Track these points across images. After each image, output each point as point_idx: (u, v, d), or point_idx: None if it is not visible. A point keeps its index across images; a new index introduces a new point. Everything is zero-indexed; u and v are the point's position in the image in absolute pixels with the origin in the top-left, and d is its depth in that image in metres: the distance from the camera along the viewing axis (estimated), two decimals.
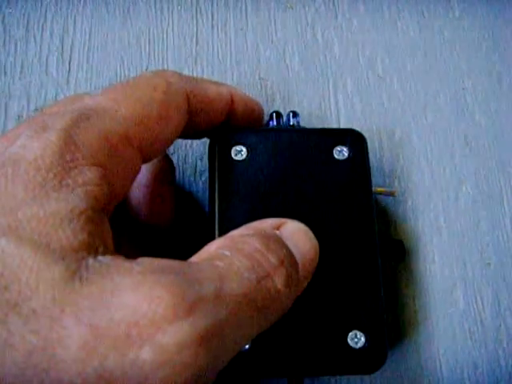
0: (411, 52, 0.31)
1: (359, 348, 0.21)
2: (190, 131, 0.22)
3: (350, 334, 0.21)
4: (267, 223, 0.19)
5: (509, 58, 0.31)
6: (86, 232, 0.15)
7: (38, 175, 0.15)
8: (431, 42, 0.31)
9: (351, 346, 0.21)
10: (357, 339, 0.21)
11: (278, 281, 0.17)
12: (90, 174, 0.16)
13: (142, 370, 0.13)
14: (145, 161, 0.19)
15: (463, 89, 0.31)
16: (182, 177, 0.28)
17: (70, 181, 0.15)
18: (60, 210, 0.14)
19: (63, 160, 0.15)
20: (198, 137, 0.24)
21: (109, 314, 0.13)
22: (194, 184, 0.27)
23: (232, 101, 0.23)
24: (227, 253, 0.17)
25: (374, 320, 0.21)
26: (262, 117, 0.25)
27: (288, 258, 0.18)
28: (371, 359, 0.21)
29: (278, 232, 0.19)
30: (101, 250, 0.15)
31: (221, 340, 0.14)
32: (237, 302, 0.15)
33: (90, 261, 0.14)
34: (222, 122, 0.23)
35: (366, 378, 0.25)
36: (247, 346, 0.21)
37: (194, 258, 0.17)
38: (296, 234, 0.19)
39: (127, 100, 0.18)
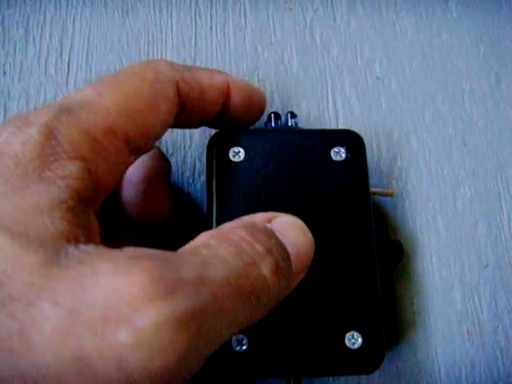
0: (409, 54, 0.31)
1: (356, 349, 0.21)
2: (184, 121, 0.22)
3: (348, 334, 0.21)
4: (258, 216, 0.19)
5: (507, 60, 0.31)
6: (67, 221, 0.15)
7: (18, 169, 0.15)
8: (429, 44, 0.32)
9: (348, 347, 0.21)
10: (354, 340, 0.21)
11: (265, 268, 0.16)
12: (71, 167, 0.16)
13: (119, 351, 0.13)
14: (134, 153, 0.19)
15: (461, 90, 0.31)
16: (181, 177, 0.28)
17: (50, 174, 0.15)
18: (40, 200, 0.15)
19: (44, 154, 0.15)
20: (195, 126, 0.24)
21: (86, 296, 0.13)
22: (192, 185, 0.27)
23: (228, 89, 0.23)
24: (213, 242, 0.16)
25: (372, 321, 0.21)
26: (264, 105, 0.25)
27: (276, 248, 0.17)
28: (368, 360, 0.21)
29: (268, 225, 0.19)
30: (82, 239, 0.15)
31: (203, 324, 0.14)
32: (220, 286, 0.15)
33: (70, 248, 0.14)
34: (220, 111, 0.23)
35: (364, 378, 0.25)
36: (245, 347, 0.21)
37: (181, 249, 0.17)
38: (288, 228, 0.19)
39: (113, 92, 0.18)
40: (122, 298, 0.13)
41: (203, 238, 0.17)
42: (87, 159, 0.16)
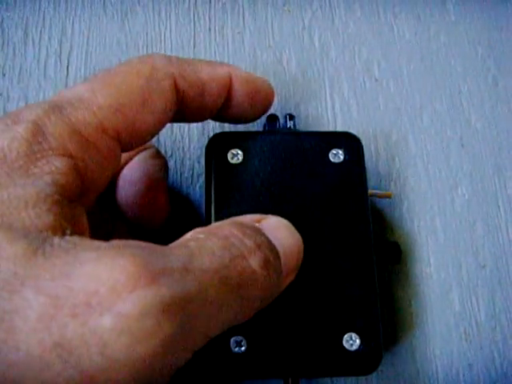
0: (407, 55, 0.31)
1: (354, 350, 0.21)
2: (185, 116, 0.22)
3: (345, 336, 0.21)
4: (247, 217, 0.19)
5: (504, 62, 0.32)
6: (53, 214, 0.15)
7: (4, 166, 0.15)
8: (427, 46, 0.32)
9: (346, 348, 0.21)
10: (352, 341, 0.21)
11: (254, 262, 0.16)
12: (58, 164, 0.16)
13: (102, 338, 0.13)
14: (126, 149, 0.19)
15: (459, 92, 0.31)
16: (180, 179, 0.28)
17: (36, 170, 0.15)
18: (25, 193, 0.15)
19: (30, 151, 0.15)
20: (197, 120, 0.23)
21: (69, 283, 0.13)
22: (191, 187, 0.28)
23: (231, 82, 0.22)
24: (201, 236, 0.16)
25: (369, 322, 0.21)
26: (271, 98, 0.24)
27: (266, 244, 0.17)
28: (366, 361, 0.21)
29: (257, 224, 0.19)
30: (69, 232, 0.15)
31: (190, 313, 0.14)
32: (207, 276, 0.15)
33: (56, 239, 0.14)
34: (223, 104, 0.22)
35: (362, 379, 0.25)
36: (243, 348, 0.21)
37: (170, 244, 0.17)
38: (277, 228, 0.19)
39: (105, 89, 0.18)
40: (105, 283, 0.13)
41: (192, 232, 0.17)
42: (75, 156, 0.16)
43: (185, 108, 0.21)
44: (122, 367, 0.13)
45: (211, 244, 0.16)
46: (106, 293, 0.13)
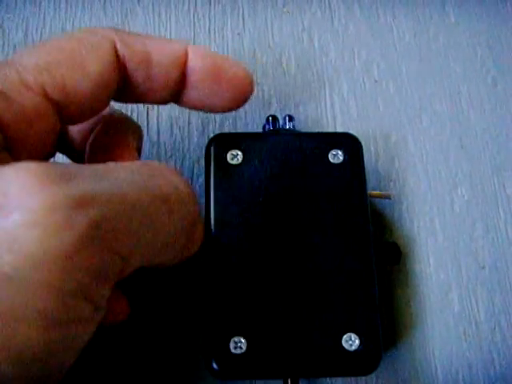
0: (407, 57, 0.31)
1: (354, 350, 0.21)
2: (137, 93, 0.20)
3: (345, 336, 0.21)
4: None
5: (503, 63, 0.32)
6: None
7: None
8: (427, 47, 0.32)
9: (346, 349, 0.21)
10: (351, 341, 0.21)
11: (176, 180, 0.17)
12: None
13: (11, 233, 0.12)
14: (71, 118, 0.18)
15: (458, 93, 0.31)
16: None
17: None
18: None
19: None
20: (154, 100, 0.21)
21: None
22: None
23: (186, 57, 0.19)
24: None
25: (369, 322, 0.22)
26: (247, 87, 0.21)
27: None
28: (366, 361, 0.21)
29: None
30: None
31: (107, 214, 0.14)
32: (125, 184, 0.15)
33: None
34: (181, 84, 0.20)
35: (361, 380, 0.25)
36: (244, 348, 0.21)
37: None
38: None
39: (33, 51, 0.18)
40: (12, 184, 0.13)
41: None
42: None
43: (131, 81, 0.19)
44: (37, 264, 0.12)
45: (130, 164, 0.16)
46: (13, 192, 0.13)
